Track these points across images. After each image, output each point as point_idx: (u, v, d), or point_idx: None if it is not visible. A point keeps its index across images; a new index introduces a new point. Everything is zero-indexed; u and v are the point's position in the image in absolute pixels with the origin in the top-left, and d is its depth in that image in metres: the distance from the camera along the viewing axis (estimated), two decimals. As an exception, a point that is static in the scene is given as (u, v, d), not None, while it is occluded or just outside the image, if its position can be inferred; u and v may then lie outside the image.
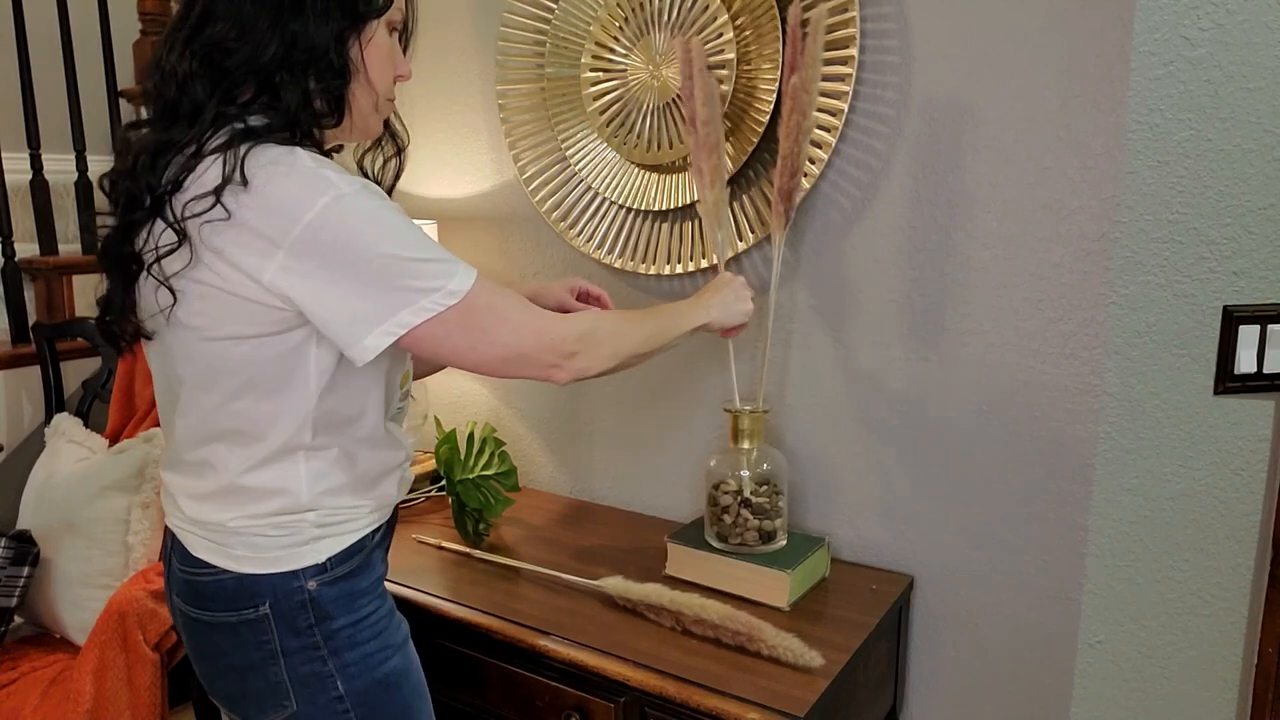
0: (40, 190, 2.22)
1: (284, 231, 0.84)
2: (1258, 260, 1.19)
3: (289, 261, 0.85)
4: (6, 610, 1.59)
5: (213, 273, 0.87)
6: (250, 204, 0.84)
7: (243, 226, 0.85)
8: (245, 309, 0.88)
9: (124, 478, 1.62)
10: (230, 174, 0.84)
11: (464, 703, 1.32)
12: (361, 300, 0.86)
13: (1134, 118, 1.14)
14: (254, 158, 0.86)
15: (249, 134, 0.88)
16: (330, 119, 0.94)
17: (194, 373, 0.93)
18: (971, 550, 1.36)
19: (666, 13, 1.46)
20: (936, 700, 1.43)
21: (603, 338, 1.03)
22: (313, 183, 0.85)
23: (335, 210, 0.85)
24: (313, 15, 0.89)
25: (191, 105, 0.89)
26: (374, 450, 1.02)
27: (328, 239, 0.85)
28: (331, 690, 0.98)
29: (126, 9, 2.49)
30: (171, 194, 0.87)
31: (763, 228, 1.44)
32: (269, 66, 0.89)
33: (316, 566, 0.97)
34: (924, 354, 1.36)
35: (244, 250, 0.85)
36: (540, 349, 0.97)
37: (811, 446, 1.49)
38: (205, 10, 0.91)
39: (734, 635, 1.17)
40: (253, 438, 0.94)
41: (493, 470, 1.55)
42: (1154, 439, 1.22)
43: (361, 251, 0.86)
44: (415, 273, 0.88)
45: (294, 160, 0.87)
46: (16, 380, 2.05)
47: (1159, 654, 1.29)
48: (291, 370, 0.92)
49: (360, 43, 0.94)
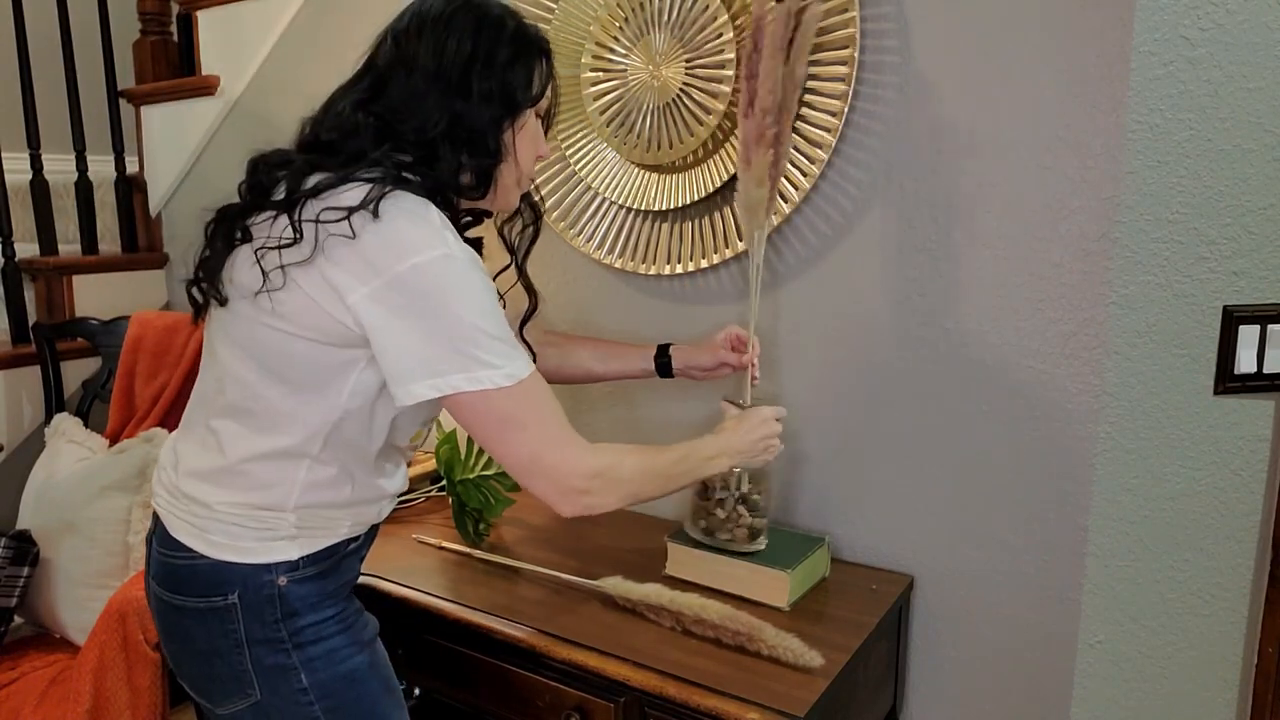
0: (40, 190, 2.23)
1: (389, 265, 0.90)
2: (1258, 260, 1.19)
3: (382, 292, 0.90)
4: (6, 610, 1.59)
5: (314, 278, 0.92)
6: (373, 231, 0.90)
7: (357, 249, 0.90)
8: (320, 317, 0.93)
9: (124, 478, 1.62)
10: (368, 201, 0.91)
11: (464, 703, 1.32)
12: (427, 349, 0.91)
13: (1134, 118, 1.14)
14: (394, 198, 0.92)
15: (399, 180, 0.94)
16: (476, 193, 1.03)
17: (244, 347, 0.98)
18: (971, 550, 1.36)
19: (666, 13, 1.46)
20: (936, 700, 1.43)
21: (619, 480, 1.03)
22: (432, 236, 0.92)
23: (441, 266, 0.91)
24: (477, 100, 0.98)
25: (356, 149, 0.97)
26: (369, 478, 1.06)
27: (424, 285, 0.90)
28: (295, 682, 1.00)
29: (126, 9, 2.49)
30: (308, 199, 0.93)
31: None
32: (433, 140, 0.98)
33: (289, 563, 1.00)
34: (923, 354, 1.36)
35: (347, 269, 0.91)
36: (554, 469, 0.98)
37: (811, 446, 1.49)
38: (381, 78, 1.00)
39: (734, 635, 1.17)
40: (267, 427, 0.98)
41: (493, 470, 1.55)
42: (1154, 439, 1.22)
43: (448, 308, 0.91)
44: (484, 347, 0.92)
45: (425, 213, 0.94)
46: (16, 380, 2.06)
47: (1159, 654, 1.29)
48: (328, 381, 0.96)
49: (514, 129, 1.03)
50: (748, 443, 1.19)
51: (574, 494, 1.00)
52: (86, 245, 2.34)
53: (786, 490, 1.52)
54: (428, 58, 0.97)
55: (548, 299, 1.75)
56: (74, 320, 2.11)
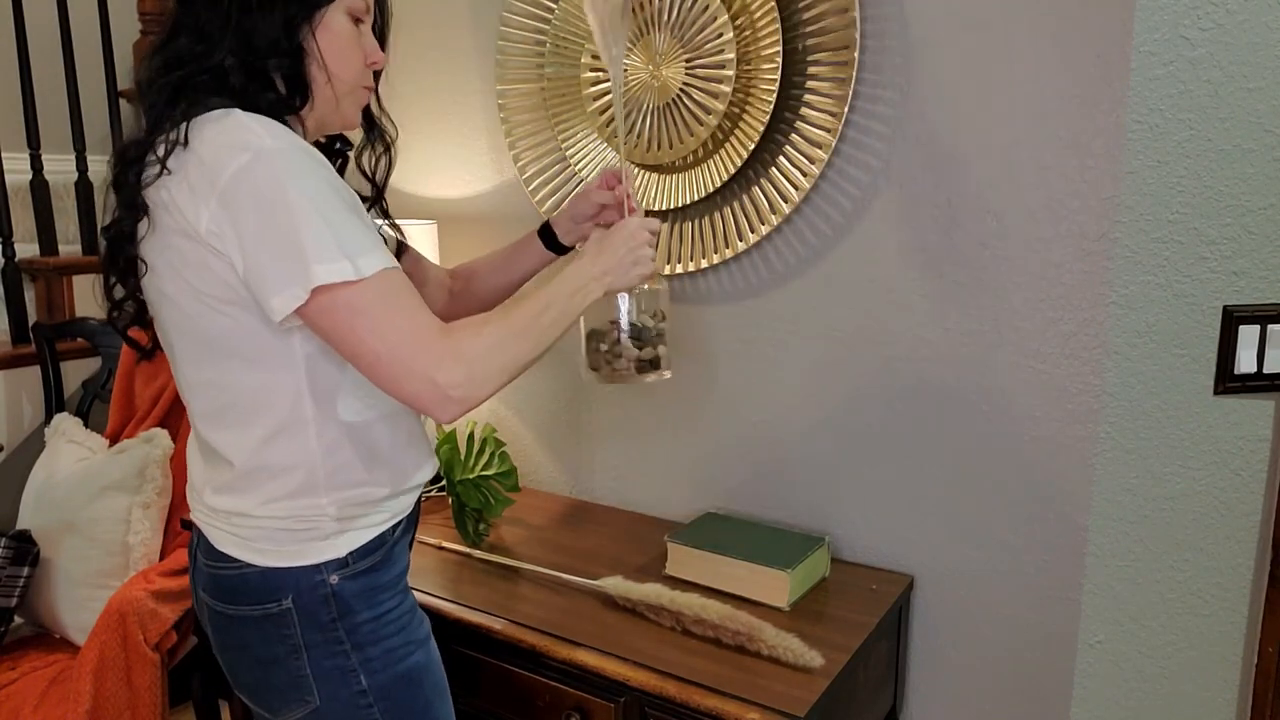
0: (40, 190, 2.23)
1: (212, 183, 0.86)
2: (1258, 260, 1.19)
3: (219, 212, 0.86)
4: (6, 610, 1.59)
5: (167, 223, 0.89)
6: (188, 159, 0.87)
7: (182, 178, 0.87)
8: (198, 258, 0.88)
9: (124, 478, 1.62)
10: (174, 141, 0.87)
11: (464, 703, 1.32)
12: (271, 257, 0.85)
13: (1134, 118, 1.14)
14: (197, 123, 0.88)
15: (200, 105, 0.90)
16: (292, 102, 0.97)
17: (184, 346, 0.96)
18: (971, 550, 1.36)
19: (666, 13, 1.46)
20: (936, 700, 1.43)
21: (482, 365, 0.91)
22: (241, 135, 0.87)
23: (258, 162, 0.85)
24: (259, 9, 0.92)
25: (153, 111, 0.93)
26: (382, 417, 0.99)
27: (248, 190, 0.85)
28: (354, 685, 0.98)
29: (126, 9, 2.49)
30: (139, 177, 0.90)
31: (764, 226, 1.44)
32: (223, 62, 0.92)
33: (337, 561, 0.98)
34: (923, 354, 1.36)
35: (185, 200, 0.87)
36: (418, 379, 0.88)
37: (811, 446, 1.49)
38: (172, 27, 0.95)
39: (734, 635, 1.17)
40: (251, 411, 0.95)
41: (493, 470, 1.55)
42: (1154, 439, 1.22)
43: (278, 206, 0.85)
44: (325, 240, 0.85)
45: (230, 117, 0.88)
46: (16, 380, 2.05)
47: (1159, 654, 1.29)
48: (273, 341, 0.92)
49: (312, 29, 0.96)
50: (615, 259, 1.05)
51: (446, 402, 0.88)
52: (86, 245, 2.34)
53: (787, 490, 1.52)
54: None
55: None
56: (74, 320, 2.10)
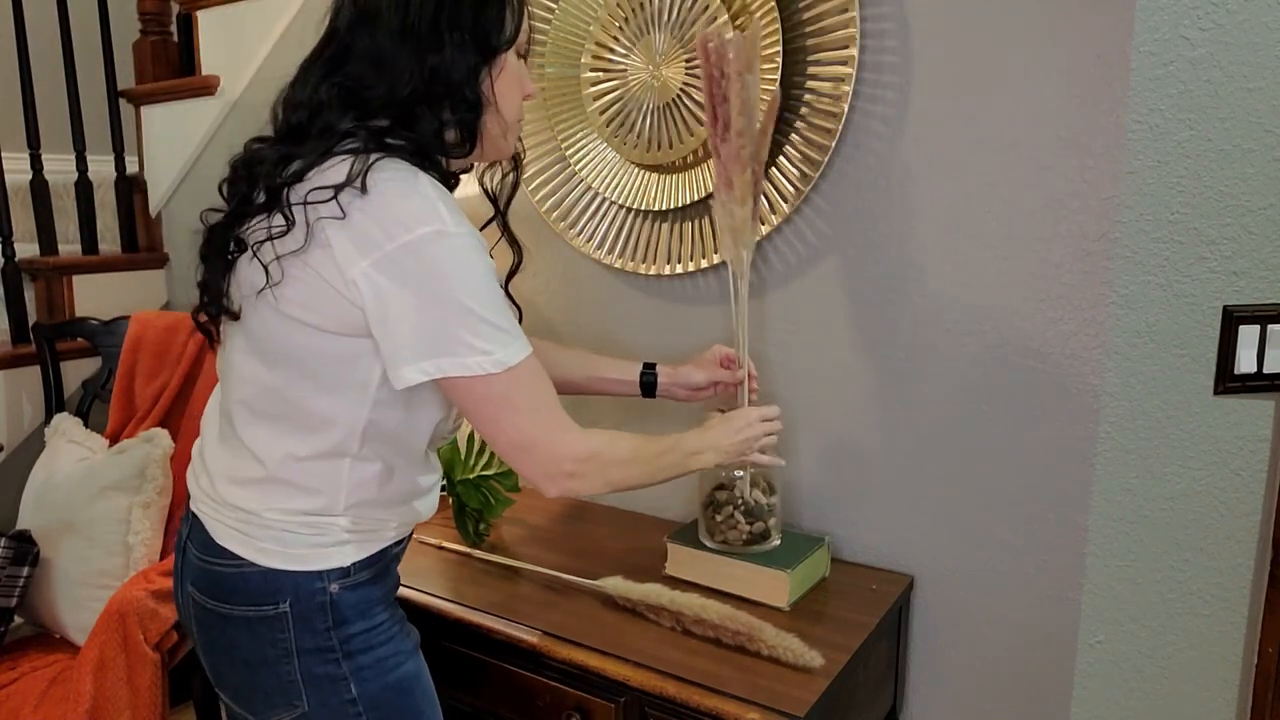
0: (40, 190, 2.23)
1: (380, 244, 0.87)
2: (1258, 260, 1.19)
3: (373, 271, 0.87)
4: (6, 610, 1.59)
5: (318, 259, 0.89)
6: (363, 208, 0.87)
7: (348, 229, 0.87)
8: (331, 299, 0.90)
9: (124, 478, 1.62)
10: (354, 176, 0.87)
11: (464, 703, 1.32)
12: (417, 333, 0.88)
13: (1134, 118, 1.14)
14: (379, 169, 0.89)
15: (382, 146, 0.90)
16: (463, 149, 0.98)
17: (263, 351, 0.95)
18: (971, 550, 1.36)
19: (666, 13, 1.46)
20: (936, 700, 1.43)
21: (605, 467, 1.01)
22: (423, 209, 0.88)
23: (433, 243, 0.87)
24: (449, 50, 0.92)
25: (324, 126, 0.92)
26: (412, 470, 1.03)
27: (414, 265, 0.87)
28: (345, 693, 0.99)
29: (126, 9, 2.49)
30: (291, 185, 0.90)
31: (764, 227, 1.44)
32: (407, 101, 0.92)
33: (340, 570, 0.98)
34: (924, 354, 1.36)
35: (344, 245, 0.88)
36: (547, 453, 0.96)
37: (812, 447, 1.49)
38: (344, 46, 0.94)
39: (734, 635, 1.17)
40: (302, 429, 0.95)
41: (493, 470, 1.55)
42: (1154, 439, 1.22)
43: (438, 289, 0.88)
44: (475, 331, 0.89)
45: (415, 182, 0.89)
46: (16, 380, 2.06)
47: (1159, 654, 1.29)
48: (353, 373, 0.94)
49: (492, 75, 0.96)
50: (732, 441, 1.17)
51: (562, 476, 0.98)
52: (86, 245, 2.34)
53: (786, 490, 1.52)
54: (390, 13, 0.91)
55: (548, 299, 1.75)
56: (74, 320, 2.11)
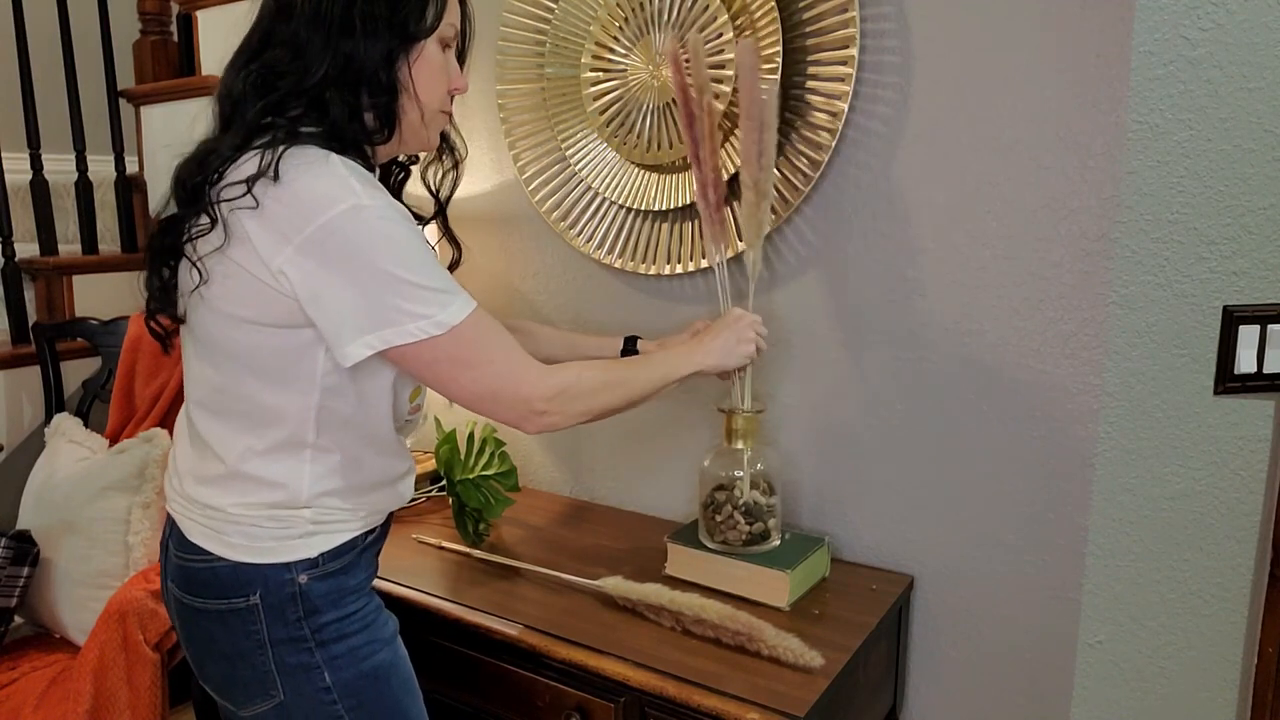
0: (40, 190, 2.23)
1: (298, 228, 0.88)
2: (1258, 260, 1.19)
3: (297, 257, 0.88)
4: (6, 610, 1.59)
5: (241, 254, 0.90)
6: (276, 196, 0.88)
7: (265, 219, 0.89)
8: (262, 293, 0.91)
9: (124, 478, 1.62)
10: (265, 168, 0.89)
11: (464, 703, 1.32)
12: (352, 309, 0.90)
13: (1134, 118, 1.14)
14: (290, 156, 0.90)
15: (293, 136, 0.92)
16: (380, 134, 0.99)
17: (210, 350, 0.97)
18: (971, 550, 1.36)
19: (666, 13, 1.46)
20: (936, 700, 1.43)
21: (579, 394, 1.03)
22: (337, 187, 0.89)
23: (351, 218, 0.88)
24: (363, 36, 0.93)
25: (241, 118, 0.94)
26: (378, 457, 1.05)
27: (337, 244, 0.88)
28: (319, 681, 1.00)
29: (126, 9, 2.49)
30: (212, 185, 0.92)
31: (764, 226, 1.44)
32: (318, 86, 0.94)
33: (308, 561, 0.99)
34: (923, 354, 1.36)
35: (264, 236, 0.89)
36: (513, 397, 0.98)
37: (811, 446, 1.49)
38: (265, 35, 0.96)
39: (734, 635, 1.17)
40: (256, 424, 0.97)
41: (493, 470, 1.55)
42: (1154, 439, 1.22)
43: (365, 262, 0.89)
44: (409, 296, 0.91)
45: (326, 163, 0.90)
46: (16, 380, 2.06)
47: (1159, 654, 1.28)
48: (296, 364, 0.95)
49: (409, 61, 0.98)
50: (719, 341, 1.19)
51: (534, 416, 0.99)
52: (86, 245, 2.35)
53: (786, 490, 1.52)
54: (305, 1, 0.93)
55: (548, 299, 1.75)
56: (74, 320, 2.11)
